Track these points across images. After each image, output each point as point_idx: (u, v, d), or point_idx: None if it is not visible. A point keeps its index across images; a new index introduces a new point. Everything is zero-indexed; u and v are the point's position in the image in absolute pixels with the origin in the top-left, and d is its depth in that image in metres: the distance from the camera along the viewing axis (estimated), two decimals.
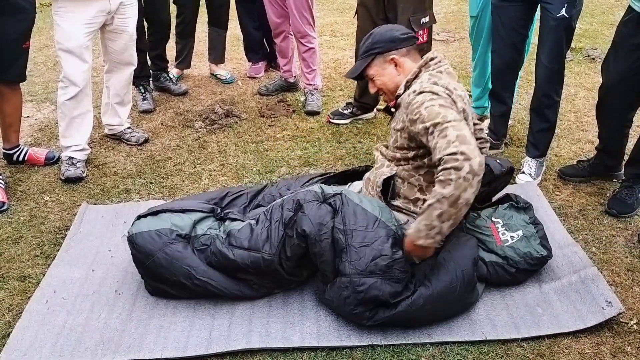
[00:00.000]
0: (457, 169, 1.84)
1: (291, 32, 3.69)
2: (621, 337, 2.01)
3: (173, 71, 4.11)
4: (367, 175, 2.33)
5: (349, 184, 2.44)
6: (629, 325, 2.05)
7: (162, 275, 2.09)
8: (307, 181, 2.45)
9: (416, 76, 2.16)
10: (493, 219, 2.30)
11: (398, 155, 2.18)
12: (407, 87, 2.16)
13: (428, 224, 1.91)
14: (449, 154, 1.86)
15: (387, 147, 2.30)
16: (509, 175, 2.38)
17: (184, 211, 2.23)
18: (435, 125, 1.94)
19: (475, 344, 1.98)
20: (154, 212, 2.21)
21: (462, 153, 1.84)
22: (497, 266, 2.17)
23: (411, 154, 2.13)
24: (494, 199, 2.47)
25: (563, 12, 2.58)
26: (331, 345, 1.95)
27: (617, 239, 2.50)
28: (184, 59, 4.02)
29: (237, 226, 2.16)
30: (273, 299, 2.14)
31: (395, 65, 2.19)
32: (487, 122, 3.38)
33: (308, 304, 2.11)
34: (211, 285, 2.08)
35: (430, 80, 2.09)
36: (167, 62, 3.96)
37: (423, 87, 2.06)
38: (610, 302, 2.04)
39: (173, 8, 3.83)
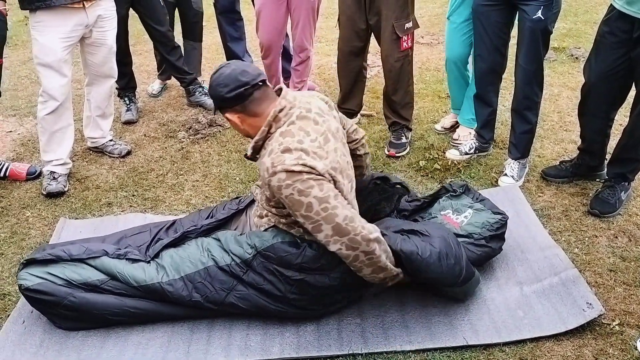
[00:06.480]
0: (354, 259, 1.87)
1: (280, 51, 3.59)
2: (603, 339, 2.00)
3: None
4: (252, 212, 2.19)
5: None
6: (611, 326, 2.04)
7: (78, 318, 2.03)
8: (209, 215, 2.28)
9: (267, 135, 1.89)
10: (441, 212, 2.37)
11: (273, 210, 1.99)
12: (257, 147, 1.92)
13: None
14: (336, 251, 1.85)
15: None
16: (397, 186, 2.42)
17: (76, 260, 2.04)
18: (304, 217, 1.81)
19: (457, 349, 1.97)
20: (45, 261, 2.03)
21: (347, 247, 1.83)
22: (468, 245, 2.19)
23: (287, 211, 1.91)
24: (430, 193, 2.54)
25: (539, 14, 2.58)
26: (311, 356, 1.94)
27: (600, 239, 2.49)
28: (165, 69, 4.00)
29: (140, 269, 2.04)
30: None
31: (241, 122, 1.93)
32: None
33: None
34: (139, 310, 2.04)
35: (282, 145, 1.81)
36: (190, 73, 3.79)
37: (275, 166, 1.78)
38: (590, 304, 2.03)
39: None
